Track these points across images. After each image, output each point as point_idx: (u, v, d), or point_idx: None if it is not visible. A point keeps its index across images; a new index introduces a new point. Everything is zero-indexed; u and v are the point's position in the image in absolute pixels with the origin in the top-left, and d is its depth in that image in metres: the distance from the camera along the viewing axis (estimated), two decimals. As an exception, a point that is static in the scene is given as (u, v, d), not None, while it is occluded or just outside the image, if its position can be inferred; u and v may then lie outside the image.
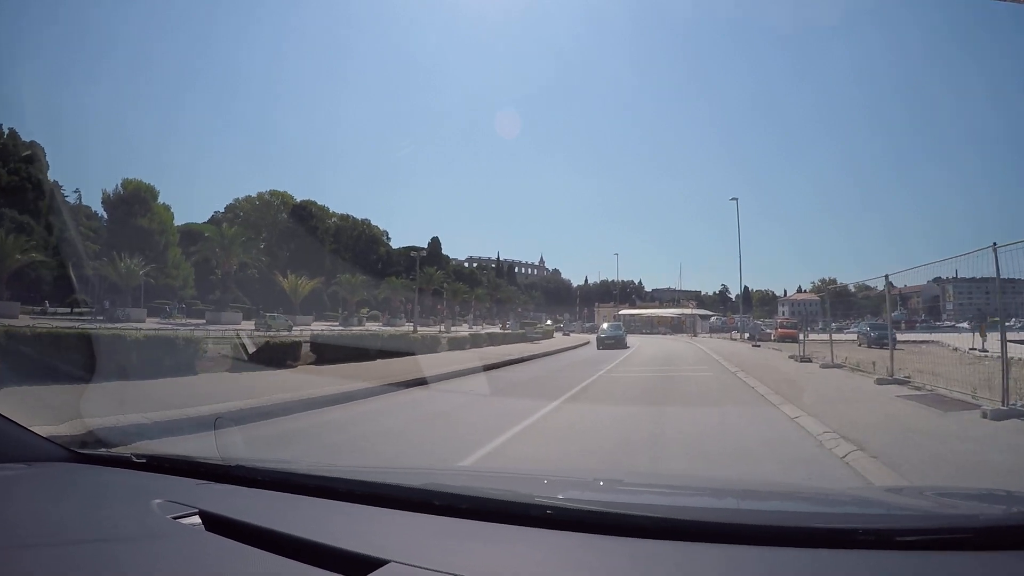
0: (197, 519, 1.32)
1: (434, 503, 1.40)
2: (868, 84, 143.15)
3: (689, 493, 1.99)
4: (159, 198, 52.99)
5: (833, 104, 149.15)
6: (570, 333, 54.16)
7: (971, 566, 1.05)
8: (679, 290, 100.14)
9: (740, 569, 1.07)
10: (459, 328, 51.95)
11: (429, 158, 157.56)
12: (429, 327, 54.20)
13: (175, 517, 1.33)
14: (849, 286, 38.85)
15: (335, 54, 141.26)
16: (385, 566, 1.03)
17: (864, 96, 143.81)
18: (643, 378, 13.57)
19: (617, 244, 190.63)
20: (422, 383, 10.91)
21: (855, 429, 5.90)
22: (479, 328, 53.45)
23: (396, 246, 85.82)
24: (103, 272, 38.36)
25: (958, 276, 11.60)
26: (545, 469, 4.54)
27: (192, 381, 9.13)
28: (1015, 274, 9.55)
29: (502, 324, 59.73)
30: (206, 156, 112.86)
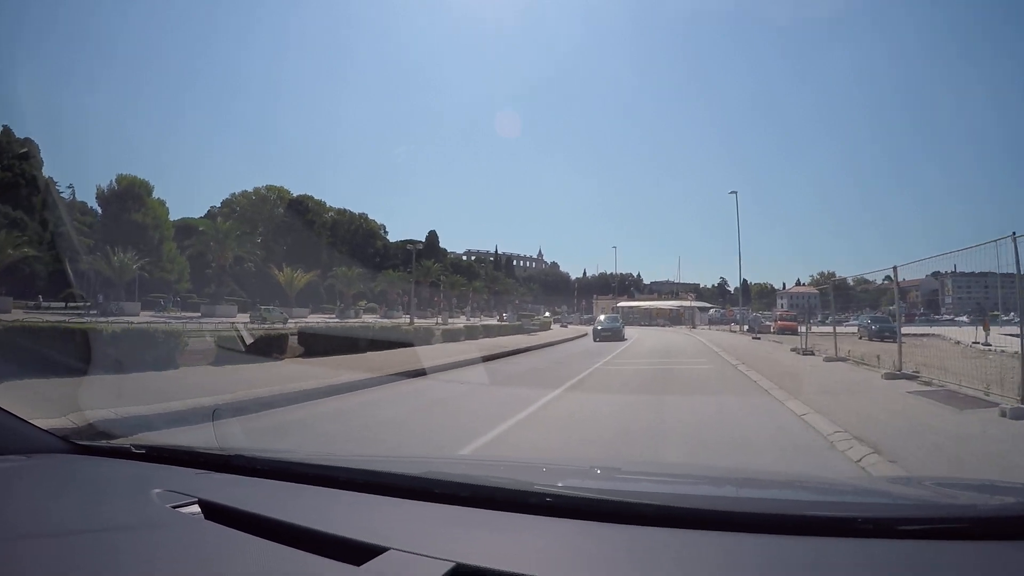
0: (196, 508, 1.32)
1: (434, 491, 1.40)
2: (866, 81, 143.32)
3: (688, 481, 1.97)
4: (156, 194, 52.99)
5: (831, 101, 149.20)
6: (568, 325, 54.16)
7: (969, 556, 1.04)
8: (677, 283, 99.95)
9: (739, 557, 1.06)
10: (456, 320, 51.86)
11: (428, 154, 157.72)
12: (426, 319, 54.19)
13: (174, 506, 1.33)
14: (848, 279, 38.92)
15: (335, 51, 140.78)
16: (385, 553, 1.03)
17: (862, 93, 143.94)
18: (640, 371, 13.28)
19: (615, 238, 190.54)
20: (420, 374, 11.01)
21: (868, 428, 5.53)
22: (477, 320, 53.44)
23: (395, 240, 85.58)
24: (96, 267, 38.18)
25: (957, 270, 11.62)
26: (544, 457, 4.44)
27: (170, 375, 8.93)
28: (1011, 269, 9.44)
29: (499, 316, 59.71)
30: (206, 153, 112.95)
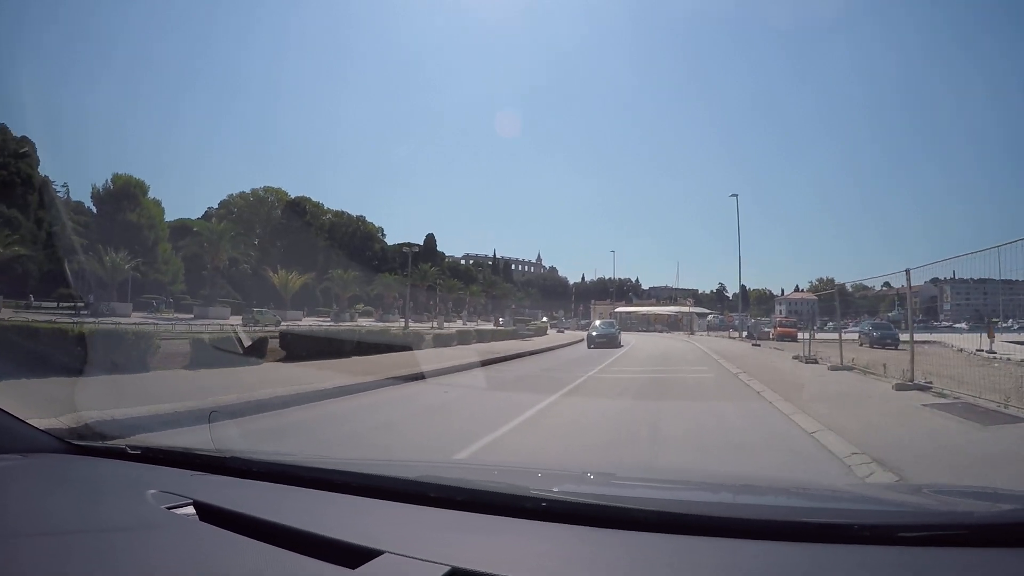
0: (191, 509, 1.31)
1: (429, 495, 1.38)
2: (867, 84, 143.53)
3: (685, 487, 1.95)
4: (155, 194, 52.61)
5: (832, 104, 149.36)
6: (564, 330, 53.78)
7: (967, 563, 1.04)
8: (676, 288, 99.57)
9: (736, 563, 1.05)
10: (453, 324, 51.59)
11: (427, 156, 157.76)
12: (423, 323, 53.90)
13: (169, 507, 1.32)
14: (847, 285, 38.82)
15: (334, 52, 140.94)
16: (380, 557, 1.03)
17: (863, 96, 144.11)
18: (636, 379, 12.78)
19: (614, 242, 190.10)
20: (418, 378, 10.87)
21: (887, 449, 5.07)
22: (474, 324, 53.19)
23: (393, 243, 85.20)
24: (89, 267, 37.93)
25: (956, 277, 11.35)
26: (540, 463, 4.34)
27: (134, 379, 8.57)
28: (1013, 275, 9.10)
29: (495, 321, 59.44)
30: (204, 153, 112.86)
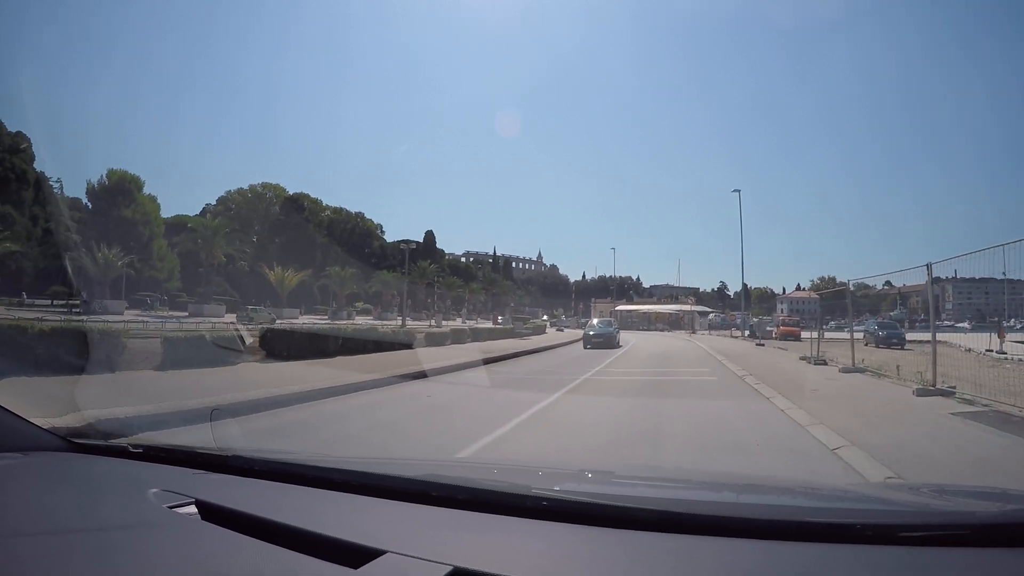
0: (193, 508, 1.31)
1: (431, 494, 1.38)
2: (867, 84, 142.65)
3: (686, 486, 1.94)
4: (154, 191, 52.56)
5: (832, 103, 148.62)
6: (564, 329, 53.27)
7: (968, 563, 1.04)
8: (677, 286, 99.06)
9: (738, 563, 1.05)
10: (451, 322, 51.16)
11: (428, 155, 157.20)
12: (421, 321, 53.53)
13: (171, 506, 1.31)
14: (849, 283, 38.33)
15: (334, 49, 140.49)
16: (382, 556, 1.03)
17: (863, 96, 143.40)
18: (635, 382, 12.24)
19: (615, 241, 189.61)
20: (402, 379, 10.51)
21: (924, 471, 4.42)
22: (473, 322, 52.76)
23: (392, 240, 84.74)
24: (82, 263, 37.63)
25: (957, 276, 11.11)
26: (542, 462, 4.26)
27: (91, 380, 8.15)
28: (1017, 275, 8.77)
29: (493, 319, 59.03)
30: (203, 150, 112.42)
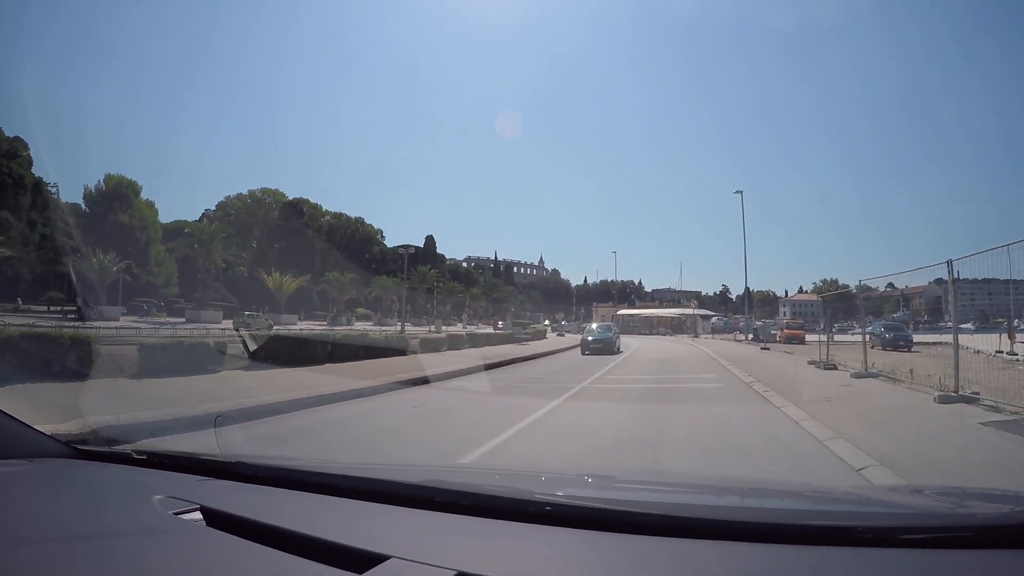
0: (198, 515, 1.31)
1: (435, 499, 1.39)
2: (868, 86, 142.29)
3: (689, 491, 1.93)
4: (154, 197, 52.59)
5: (832, 106, 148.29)
6: (565, 334, 52.78)
7: (970, 564, 1.04)
8: (679, 290, 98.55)
9: (741, 566, 1.05)
10: (451, 328, 50.80)
11: (428, 158, 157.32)
12: (421, 326, 53.20)
13: (176, 513, 1.31)
14: (851, 286, 38.09)
15: (335, 54, 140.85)
16: (386, 562, 1.03)
17: (864, 98, 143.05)
18: (634, 390, 11.71)
19: (617, 244, 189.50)
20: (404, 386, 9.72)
21: None
22: (474, 328, 52.35)
23: (393, 245, 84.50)
24: (77, 268, 37.38)
25: (960, 277, 10.84)
26: (544, 467, 4.24)
27: (55, 390, 7.80)
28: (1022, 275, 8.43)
29: (493, 324, 58.65)
30: (203, 155, 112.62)
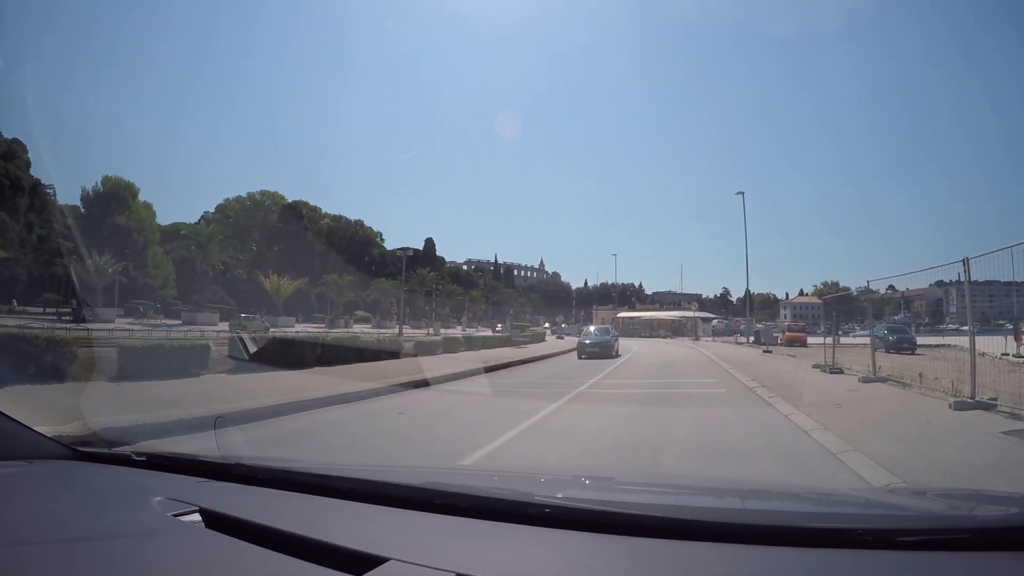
0: (197, 516, 1.31)
1: (434, 501, 1.39)
2: (868, 88, 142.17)
3: (689, 493, 1.93)
4: (154, 199, 52.89)
5: (833, 107, 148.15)
6: (564, 337, 52.52)
7: (969, 566, 1.04)
8: (680, 293, 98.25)
9: (740, 569, 1.05)
10: (450, 331, 50.57)
11: (428, 160, 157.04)
12: (420, 329, 52.96)
13: (175, 515, 1.31)
14: (851, 289, 37.87)
15: (335, 57, 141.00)
16: (385, 564, 1.03)
17: (864, 100, 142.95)
18: (632, 397, 11.23)
19: (618, 247, 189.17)
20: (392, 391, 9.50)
21: None
22: (473, 331, 52.09)
23: (392, 248, 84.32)
24: (72, 270, 37.22)
25: (960, 279, 10.66)
26: (545, 468, 4.24)
27: (34, 391, 7.57)
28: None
29: (492, 327, 58.40)
30: (204, 158, 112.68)
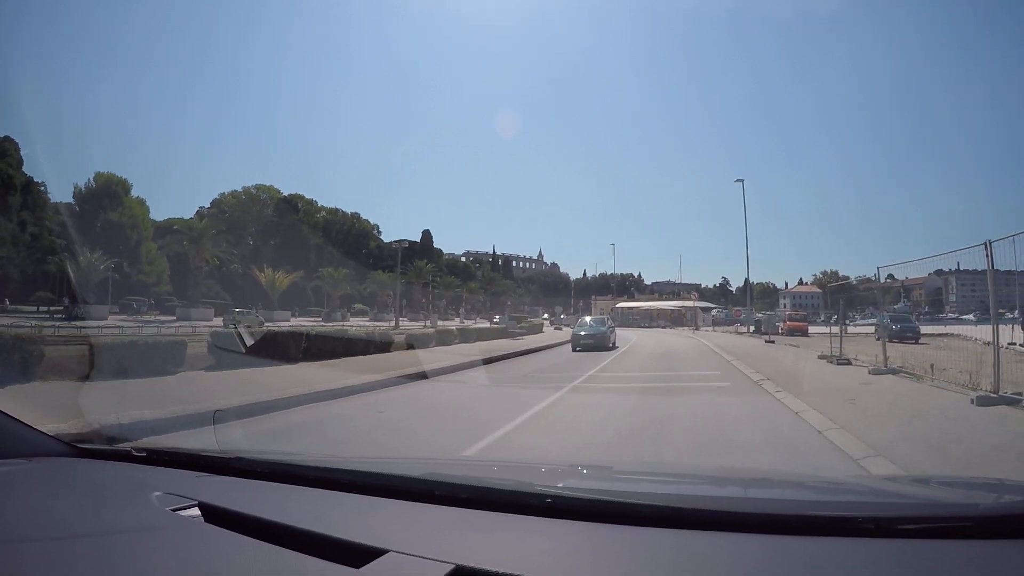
0: (196, 511, 1.31)
1: (434, 492, 1.38)
2: (866, 81, 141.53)
3: (690, 482, 1.94)
4: (149, 194, 52.05)
5: (830, 100, 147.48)
6: (562, 328, 52.17)
7: (970, 554, 1.04)
8: (679, 283, 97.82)
9: (741, 557, 1.05)
10: (448, 323, 50.28)
11: (427, 155, 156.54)
12: (417, 322, 52.70)
13: (174, 509, 1.32)
14: (851, 278, 37.60)
15: (333, 51, 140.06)
16: (385, 555, 1.03)
17: (862, 92, 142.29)
18: (632, 389, 10.59)
19: (616, 238, 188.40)
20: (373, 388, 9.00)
21: None
22: (471, 322, 51.82)
23: (390, 241, 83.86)
24: (64, 267, 36.88)
25: (960, 268, 10.32)
26: (544, 459, 4.14)
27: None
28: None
29: (490, 318, 58.17)
30: (203, 153, 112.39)
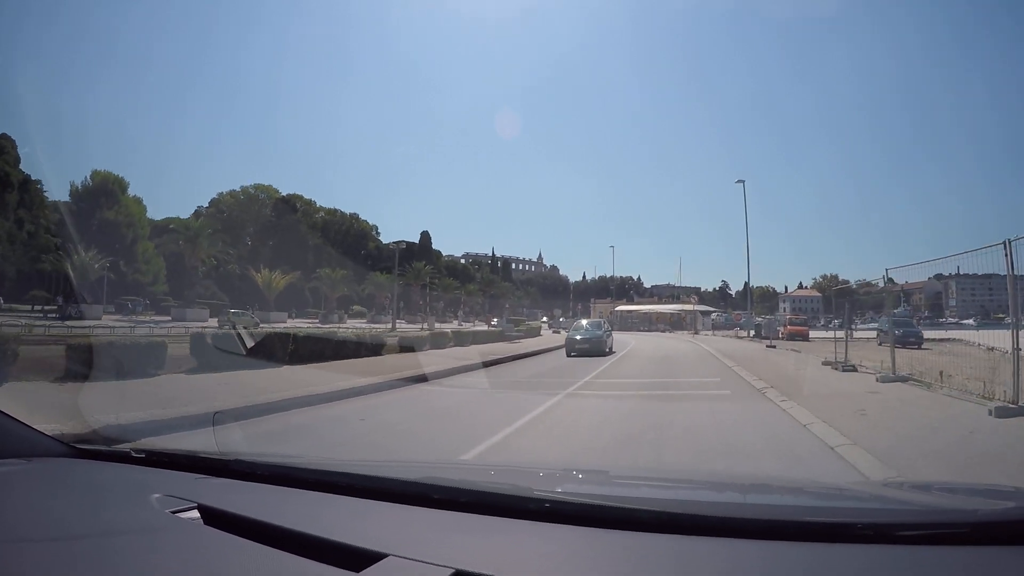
0: (195, 513, 1.31)
1: (433, 496, 1.38)
2: (866, 81, 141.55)
3: (688, 487, 1.95)
4: (148, 194, 51.83)
5: (831, 100, 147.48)
6: (560, 331, 51.88)
7: (968, 560, 1.04)
8: (679, 286, 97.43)
9: (739, 563, 1.05)
10: (446, 325, 50.04)
11: (427, 156, 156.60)
12: (415, 324, 52.45)
13: (173, 511, 1.32)
14: (851, 282, 37.38)
15: (332, 51, 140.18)
16: (384, 559, 1.03)
17: (862, 92, 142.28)
18: (629, 397, 10.36)
19: (616, 240, 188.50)
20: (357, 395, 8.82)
21: None
22: (470, 325, 51.56)
23: (388, 242, 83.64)
24: (58, 266, 36.66)
25: (960, 272, 10.09)
26: (544, 463, 4.19)
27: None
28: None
29: (487, 321, 57.94)
30: (202, 153, 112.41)
